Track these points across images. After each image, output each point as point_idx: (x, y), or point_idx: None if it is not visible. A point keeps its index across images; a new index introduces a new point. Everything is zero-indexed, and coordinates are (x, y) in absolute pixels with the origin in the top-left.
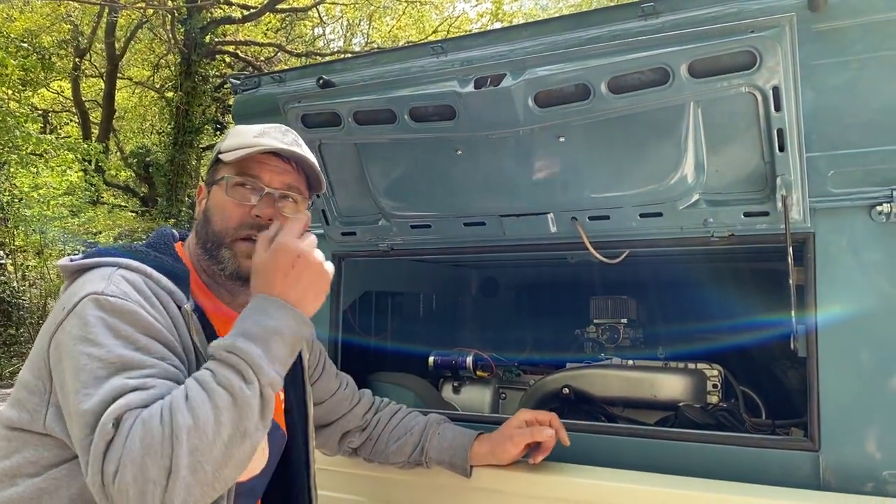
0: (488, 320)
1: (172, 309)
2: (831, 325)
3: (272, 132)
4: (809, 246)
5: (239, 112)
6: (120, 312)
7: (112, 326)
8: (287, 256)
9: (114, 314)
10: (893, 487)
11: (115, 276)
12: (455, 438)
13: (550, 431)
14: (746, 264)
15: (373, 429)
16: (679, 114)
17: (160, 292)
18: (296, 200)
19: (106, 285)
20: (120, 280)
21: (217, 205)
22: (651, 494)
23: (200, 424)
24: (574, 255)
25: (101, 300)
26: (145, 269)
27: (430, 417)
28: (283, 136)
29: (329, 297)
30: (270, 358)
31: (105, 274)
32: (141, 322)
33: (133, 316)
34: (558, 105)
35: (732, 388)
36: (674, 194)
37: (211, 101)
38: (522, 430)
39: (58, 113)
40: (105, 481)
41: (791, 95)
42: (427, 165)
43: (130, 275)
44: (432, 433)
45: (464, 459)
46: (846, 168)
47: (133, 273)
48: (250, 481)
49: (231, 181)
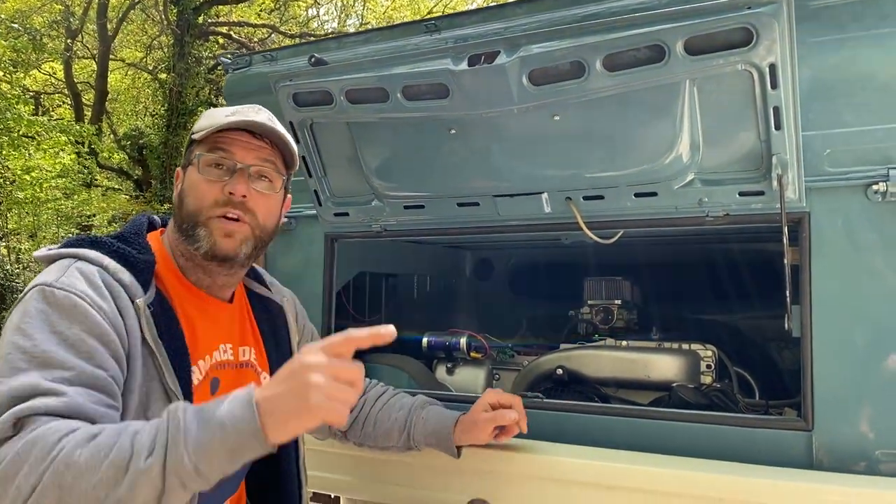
0: (482, 302)
1: (124, 302)
2: (826, 305)
3: (245, 111)
4: (804, 226)
5: (230, 91)
6: (61, 306)
7: (48, 319)
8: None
9: (55, 307)
10: (886, 466)
11: (71, 268)
12: (438, 422)
13: (513, 415)
14: (741, 245)
15: (358, 412)
16: (674, 92)
17: (114, 285)
18: (271, 178)
19: (57, 277)
20: (73, 272)
21: (191, 185)
22: (645, 474)
23: (83, 469)
24: (568, 235)
25: (46, 291)
26: (102, 260)
27: (414, 401)
28: (255, 114)
29: (322, 278)
30: (199, 446)
31: (63, 265)
32: (78, 317)
33: (74, 310)
34: (553, 83)
35: (726, 368)
36: (669, 174)
37: (205, 83)
38: (487, 414)
39: (50, 95)
40: None
41: (788, 73)
42: (420, 145)
43: (86, 266)
44: (416, 418)
45: (449, 443)
46: (842, 147)
47: (89, 265)
48: None
49: (203, 159)
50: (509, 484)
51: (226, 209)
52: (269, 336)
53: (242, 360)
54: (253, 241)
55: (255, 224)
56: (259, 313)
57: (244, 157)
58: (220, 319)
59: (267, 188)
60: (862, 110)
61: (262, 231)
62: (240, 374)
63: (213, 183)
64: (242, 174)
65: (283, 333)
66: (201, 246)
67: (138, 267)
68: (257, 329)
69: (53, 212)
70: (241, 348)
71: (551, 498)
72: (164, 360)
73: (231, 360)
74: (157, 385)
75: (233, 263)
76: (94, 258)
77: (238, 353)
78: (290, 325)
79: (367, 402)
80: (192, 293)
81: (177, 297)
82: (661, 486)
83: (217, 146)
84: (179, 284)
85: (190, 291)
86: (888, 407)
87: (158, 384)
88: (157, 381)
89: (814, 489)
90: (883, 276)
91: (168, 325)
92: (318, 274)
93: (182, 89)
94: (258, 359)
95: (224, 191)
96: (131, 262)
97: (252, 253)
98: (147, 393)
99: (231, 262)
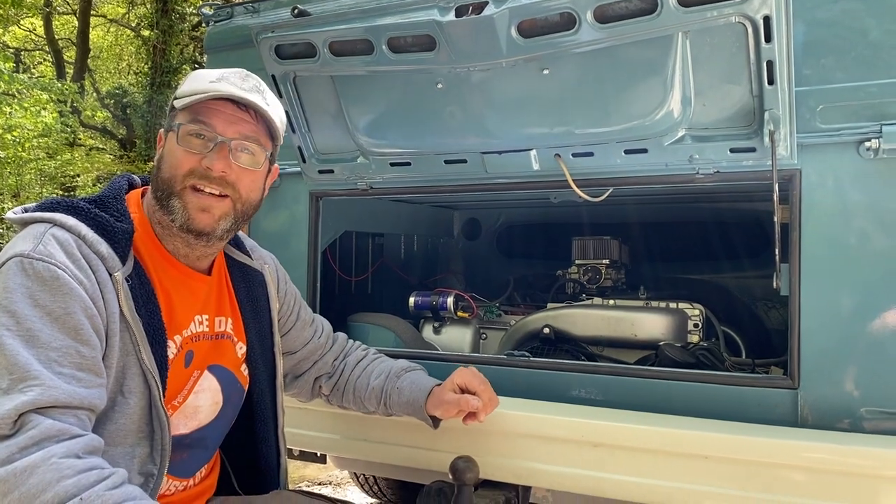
0: (470, 262)
1: (102, 276)
2: (815, 263)
3: (231, 77)
4: (795, 183)
5: (211, 44)
6: (42, 278)
7: (31, 294)
8: None
9: (36, 280)
10: (870, 424)
11: (47, 236)
12: (411, 394)
13: (476, 403)
14: (729, 205)
15: (339, 376)
16: (667, 45)
17: (92, 257)
18: (253, 153)
19: (34, 246)
20: (50, 240)
21: (169, 153)
22: (630, 431)
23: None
24: (557, 194)
25: (24, 263)
26: (80, 229)
27: (391, 369)
28: (241, 82)
29: (307, 236)
30: None
31: (38, 232)
32: (62, 289)
33: (55, 283)
34: (543, 35)
35: (713, 327)
36: (659, 130)
37: (189, 41)
38: (453, 396)
39: (30, 52)
40: None
41: (783, 26)
42: (406, 100)
43: (62, 234)
44: (391, 388)
45: (422, 414)
46: (835, 103)
47: (65, 232)
48: (197, 432)
49: (183, 129)
50: (495, 441)
51: (202, 182)
52: (248, 306)
53: (218, 331)
54: (233, 216)
55: (236, 198)
56: (238, 282)
57: (225, 130)
58: (198, 291)
59: (249, 163)
60: (855, 65)
61: (244, 205)
62: (215, 346)
63: (191, 154)
64: (223, 148)
65: (263, 303)
66: (176, 218)
67: (116, 237)
68: (235, 299)
69: (36, 172)
70: (217, 319)
71: (538, 455)
72: (141, 335)
73: (206, 331)
74: (133, 360)
75: (210, 237)
76: (72, 225)
77: (214, 323)
78: (270, 294)
79: (347, 368)
80: (170, 263)
81: (154, 268)
82: (647, 444)
83: (198, 117)
84: (157, 253)
85: (167, 261)
86: (873, 365)
87: (134, 359)
88: (134, 356)
89: (799, 446)
90: (873, 234)
91: (146, 299)
92: (303, 233)
93: (166, 47)
94: (234, 329)
95: (202, 164)
96: (109, 231)
97: (232, 227)
98: (123, 368)
99: (208, 236)
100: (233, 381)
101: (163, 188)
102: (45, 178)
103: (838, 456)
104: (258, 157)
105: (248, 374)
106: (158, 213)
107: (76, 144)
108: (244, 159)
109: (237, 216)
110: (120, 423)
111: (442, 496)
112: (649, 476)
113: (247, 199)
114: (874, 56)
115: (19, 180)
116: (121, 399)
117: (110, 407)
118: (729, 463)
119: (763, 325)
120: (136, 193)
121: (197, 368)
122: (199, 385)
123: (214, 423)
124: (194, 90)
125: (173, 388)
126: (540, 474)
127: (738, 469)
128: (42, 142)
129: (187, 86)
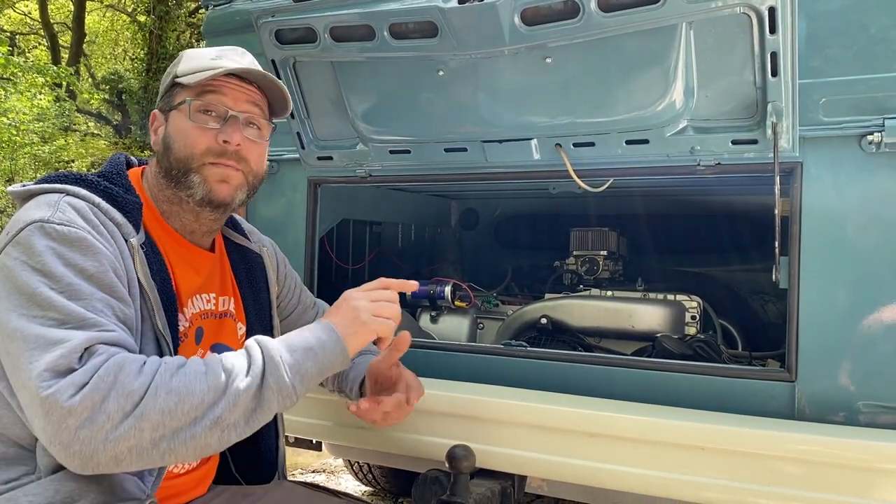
0: (467, 251)
1: (119, 241)
2: (815, 256)
3: (229, 54)
4: (797, 176)
5: (210, 29)
6: (68, 239)
7: (61, 255)
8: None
9: (62, 241)
10: (866, 417)
11: (62, 203)
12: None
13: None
14: (728, 197)
15: None
16: (671, 35)
17: (107, 223)
18: (260, 126)
19: (52, 212)
20: (66, 207)
21: (179, 130)
22: (627, 422)
23: (184, 393)
24: (556, 184)
25: (47, 228)
26: (93, 197)
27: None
28: (240, 58)
29: (304, 223)
30: (294, 365)
31: (51, 201)
32: (91, 249)
33: (83, 243)
34: (546, 23)
35: (711, 319)
36: (661, 120)
37: (185, 27)
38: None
39: (25, 35)
40: (55, 397)
41: (787, 17)
42: (407, 87)
43: (76, 202)
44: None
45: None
46: (838, 96)
47: (79, 201)
48: None
49: (194, 104)
50: (492, 430)
51: (220, 158)
52: (247, 286)
53: (222, 309)
54: (247, 187)
55: (248, 171)
56: (237, 263)
57: (235, 104)
58: (202, 267)
59: (256, 136)
60: (859, 59)
61: (254, 177)
62: (220, 325)
63: (205, 130)
64: (236, 122)
65: (262, 284)
66: (195, 192)
67: (127, 207)
68: (234, 279)
69: (30, 157)
70: (221, 298)
71: (534, 445)
72: (156, 300)
73: (213, 309)
74: (149, 327)
75: (227, 208)
76: (85, 195)
77: (219, 302)
78: (269, 276)
79: None
80: (174, 239)
81: (159, 243)
82: (644, 435)
83: (207, 90)
84: (161, 230)
85: (172, 237)
86: (871, 359)
87: (149, 324)
88: (149, 321)
89: (796, 438)
90: (873, 229)
91: (158, 267)
92: (301, 220)
93: (162, 33)
94: (236, 310)
95: (218, 139)
96: (120, 201)
97: (245, 198)
98: (140, 333)
99: (225, 207)
100: None
101: (178, 166)
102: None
103: (835, 449)
104: (264, 131)
105: None
106: (168, 189)
107: (71, 130)
108: (252, 132)
109: (249, 188)
110: None
111: (438, 484)
112: (645, 467)
113: (257, 172)
114: (878, 49)
115: (13, 164)
116: None
117: None
118: (725, 455)
119: (760, 318)
120: (136, 172)
121: (203, 347)
122: None
123: None
124: (199, 67)
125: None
126: (536, 464)
127: (735, 461)
128: (37, 126)
129: (186, 64)
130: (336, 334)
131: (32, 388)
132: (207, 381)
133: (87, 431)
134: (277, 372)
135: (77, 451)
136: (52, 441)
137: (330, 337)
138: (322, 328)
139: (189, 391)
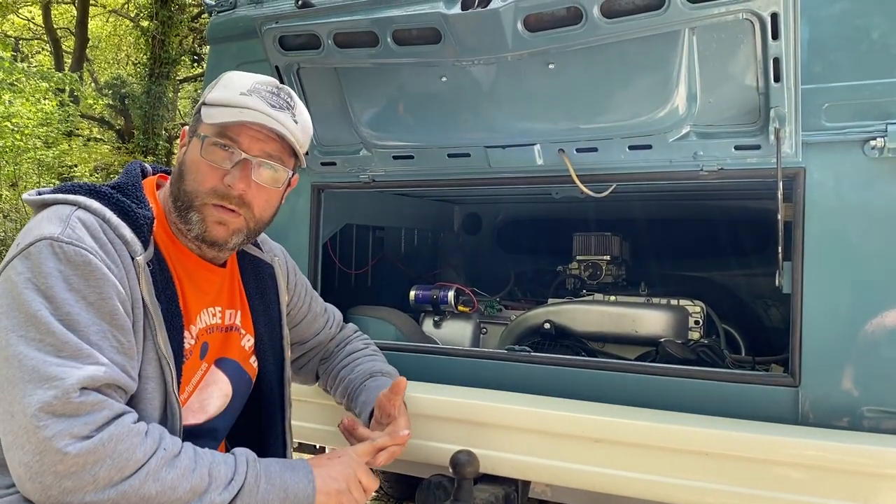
0: (470, 256)
1: (126, 260)
2: (818, 261)
3: (262, 90)
4: (799, 181)
5: (214, 35)
6: (74, 263)
7: (66, 278)
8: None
9: (69, 264)
10: (870, 422)
11: (73, 219)
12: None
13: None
14: (731, 202)
15: (331, 360)
16: (673, 41)
17: (116, 241)
18: (275, 170)
19: (62, 229)
20: (76, 223)
21: (192, 161)
22: (631, 428)
23: (168, 487)
24: (559, 189)
25: (55, 247)
26: (104, 212)
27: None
28: (272, 98)
29: (308, 228)
30: (265, 498)
31: (63, 214)
32: (95, 274)
33: (88, 268)
34: (549, 30)
35: (714, 324)
36: (664, 126)
37: (188, 32)
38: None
39: (28, 41)
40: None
41: (790, 23)
42: (410, 93)
43: (88, 217)
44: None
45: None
46: (841, 101)
47: (91, 216)
48: (208, 423)
49: (208, 141)
50: (495, 435)
51: (222, 201)
52: (257, 298)
53: (228, 323)
54: (245, 232)
55: (249, 217)
56: (248, 275)
57: (250, 148)
58: (212, 282)
59: (270, 180)
60: (861, 64)
61: (256, 223)
62: (226, 338)
63: (214, 169)
64: (245, 166)
65: (272, 296)
66: (192, 229)
67: (138, 222)
68: (244, 291)
69: (34, 161)
70: (228, 311)
71: (538, 450)
72: (159, 320)
73: (219, 323)
74: (150, 345)
75: (221, 248)
76: (96, 209)
77: (225, 316)
78: (279, 286)
79: (340, 355)
80: (185, 255)
81: (170, 258)
82: (648, 440)
83: (225, 131)
84: (172, 245)
85: (182, 253)
86: (875, 364)
87: (151, 344)
88: (151, 341)
89: (799, 444)
90: (876, 233)
91: (165, 285)
92: (305, 225)
93: (165, 37)
94: (243, 322)
95: (224, 181)
96: (131, 216)
97: (242, 242)
98: (142, 353)
99: (220, 247)
100: (241, 372)
101: (184, 199)
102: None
103: (839, 454)
104: (279, 176)
105: (257, 366)
106: (175, 217)
107: (74, 134)
108: (265, 176)
109: (248, 233)
110: (138, 409)
111: (441, 490)
112: (649, 472)
113: (259, 219)
114: (880, 55)
115: (17, 169)
116: (139, 384)
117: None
118: (729, 459)
119: (764, 323)
120: (151, 182)
121: (207, 361)
122: (205, 380)
123: (224, 414)
124: (226, 100)
125: (187, 379)
126: (540, 469)
127: (739, 466)
128: (41, 131)
129: (218, 93)
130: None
131: (27, 423)
132: (191, 482)
133: (70, 484)
134: (250, 498)
135: (53, 496)
136: (33, 478)
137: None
138: (307, 482)
139: (173, 486)
